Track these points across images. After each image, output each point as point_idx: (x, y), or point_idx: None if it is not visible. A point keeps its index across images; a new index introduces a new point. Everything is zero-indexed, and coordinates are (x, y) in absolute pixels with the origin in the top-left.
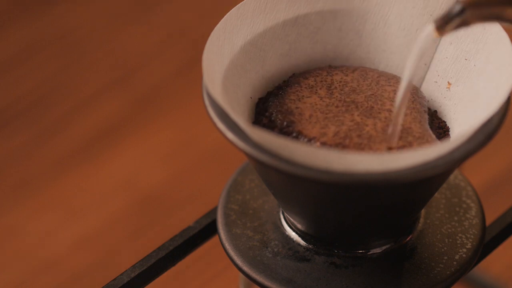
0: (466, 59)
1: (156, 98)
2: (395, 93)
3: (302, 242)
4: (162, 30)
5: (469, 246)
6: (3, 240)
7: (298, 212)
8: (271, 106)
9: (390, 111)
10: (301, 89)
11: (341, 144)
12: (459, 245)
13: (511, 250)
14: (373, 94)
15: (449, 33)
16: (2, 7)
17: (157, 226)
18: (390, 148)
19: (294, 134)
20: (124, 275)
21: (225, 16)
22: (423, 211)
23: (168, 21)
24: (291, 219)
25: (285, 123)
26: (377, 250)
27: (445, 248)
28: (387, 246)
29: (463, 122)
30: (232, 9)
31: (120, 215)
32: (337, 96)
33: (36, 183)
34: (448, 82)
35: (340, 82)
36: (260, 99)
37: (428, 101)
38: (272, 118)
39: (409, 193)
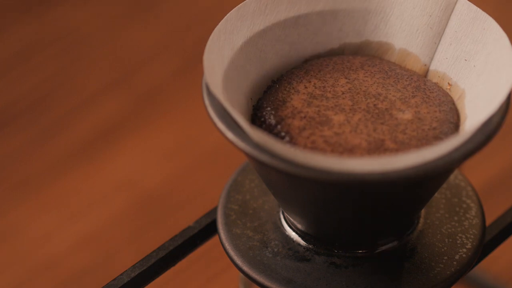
0: (466, 60)
1: (156, 98)
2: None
3: (302, 242)
4: (162, 30)
5: (469, 246)
6: (3, 240)
7: (298, 212)
8: (262, 105)
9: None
10: (295, 78)
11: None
12: (459, 245)
13: (511, 250)
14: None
15: None
16: (2, 7)
17: (157, 226)
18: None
19: (283, 134)
20: (124, 275)
21: (225, 17)
22: (423, 211)
23: (168, 21)
24: (291, 219)
25: (273, 122)
26: (377, 250)
27: (445, 248)
28: (387, 246)
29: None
30: (232, 10)
31: (120, 215)
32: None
33: (36, 183)
34: (449, 83)
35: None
36: (259, 99)
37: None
38: (262, 119)
39: (409, 193)
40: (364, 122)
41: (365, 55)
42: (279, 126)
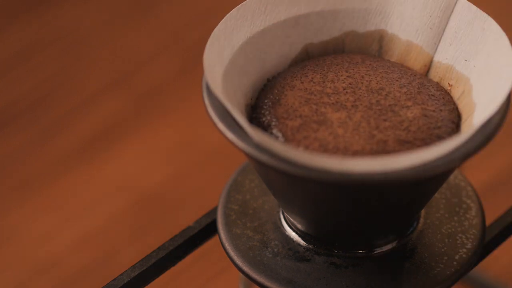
0: (465, 60)
1: (156, 98)
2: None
3: (302, 242)
4: (162, 30)
5: (469, 246)
6: (3, 240)
7: (298, 212)
8: (258, 105)
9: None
10: (290, 74)
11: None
12: (459, 245)
13: (511, 250)
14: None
15: None
16: (2, 7)
17: (157, 226)
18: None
19: (277, 135)
20: (124, 275)
21: (225, 17)
22: (423, 211)
23: (168, 21)
24: (291, 219)
25: (267, 122)
26: (377, 250)
27: (445, 248)
28: (387, 246)
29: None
30: (232, 10)
31: (120, 215)
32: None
33: (36, 183)
34: (449, 83)
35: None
36: (256, 99)
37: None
38: (257, 119)
39: (409, 193)
40: (366, 119)
41: (365, 54)
42: (272, 127)
